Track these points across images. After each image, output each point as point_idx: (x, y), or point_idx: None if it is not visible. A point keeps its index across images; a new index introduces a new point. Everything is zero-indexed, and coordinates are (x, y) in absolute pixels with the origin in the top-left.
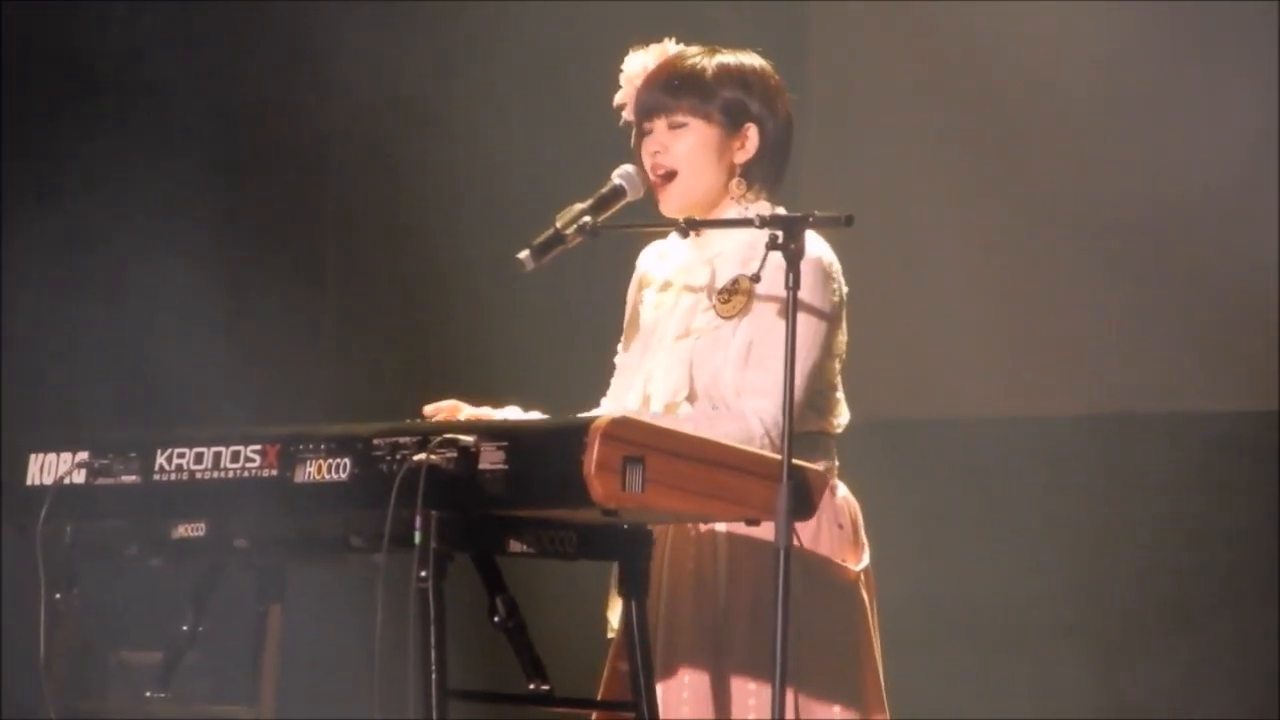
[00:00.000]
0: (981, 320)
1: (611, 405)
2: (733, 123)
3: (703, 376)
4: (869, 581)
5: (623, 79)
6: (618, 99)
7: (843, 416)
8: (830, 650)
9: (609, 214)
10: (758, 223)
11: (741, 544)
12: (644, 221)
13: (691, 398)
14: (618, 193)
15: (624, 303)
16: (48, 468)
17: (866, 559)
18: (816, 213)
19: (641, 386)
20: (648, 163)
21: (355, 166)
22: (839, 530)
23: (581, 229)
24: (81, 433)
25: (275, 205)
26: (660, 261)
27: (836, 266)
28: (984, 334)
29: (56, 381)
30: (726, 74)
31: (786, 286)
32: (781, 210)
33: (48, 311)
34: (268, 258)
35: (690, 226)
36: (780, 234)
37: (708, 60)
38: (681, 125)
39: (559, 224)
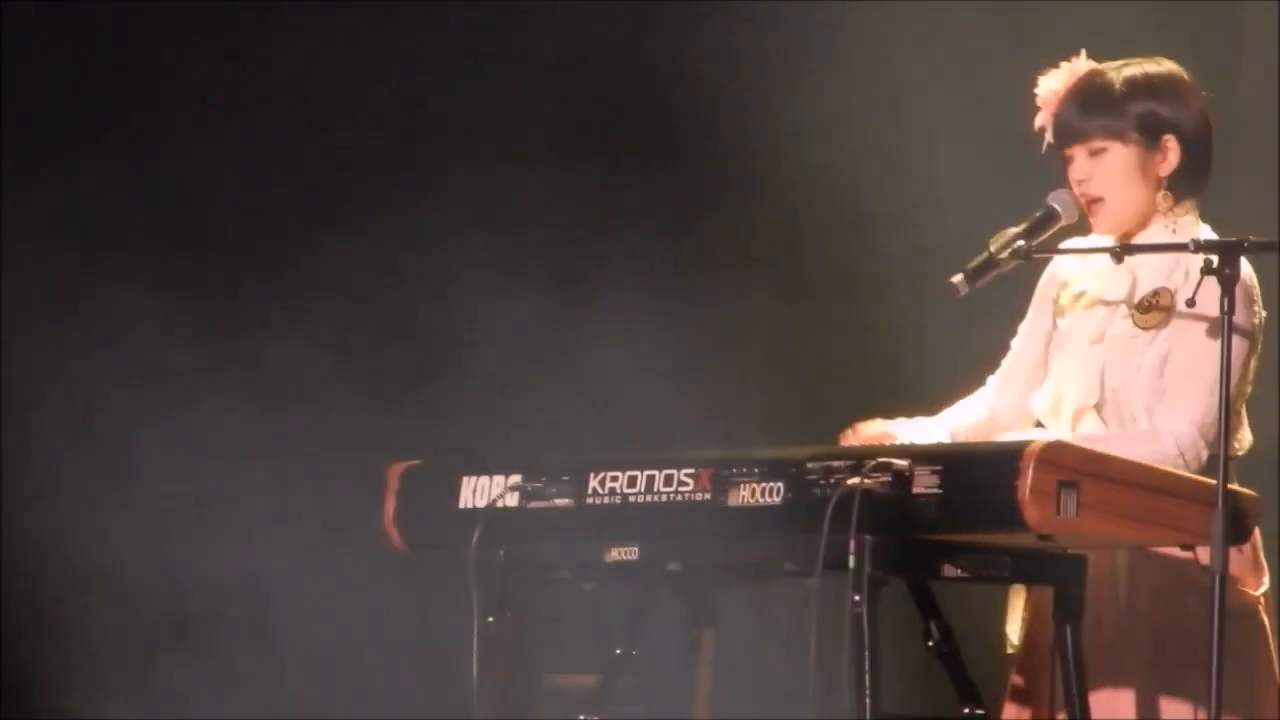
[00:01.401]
0: None
1: (1004, 394)
2: (1150, 137)
3: (1113, 383)
4: (1269, 606)
5: (1038, 103)
6: (1037, 124)
7: (1245, 439)
8: (1230, 674)
9: (1043, 238)
10: (1192, 248)
11: (1142, 564)
12: (1077, 245)
13: (1101, 404)
14: (1051, 216)
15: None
16: (480, 491)
17: (1267, 583)
18: (1252, 238)
19: (1053, 390)
20: (1075, 189)
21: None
22: (1239, 554)
23: (1016, 253)
24: (513, 455)
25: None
26: (1081, 269)
27: (1258, 290)
28: None
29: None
30: (1135, 87)
31: (1222, 311)
32: (1210, 230)
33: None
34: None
35: (1124, 251)
36: (1215, 259)
37: (1115, 76)
38: (1100, 150)
39: (993, 248)
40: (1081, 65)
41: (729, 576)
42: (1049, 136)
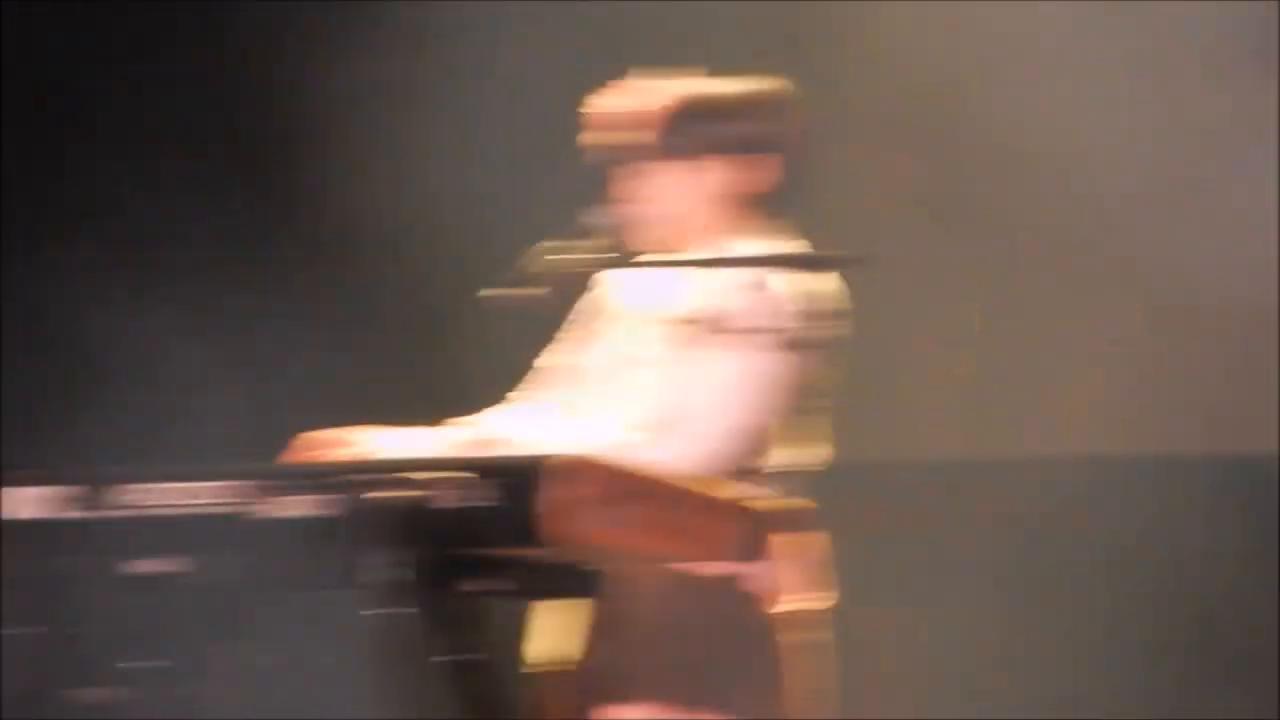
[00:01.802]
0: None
1: (531, 409)
2: (696, 156)
3: (652, 405)
4: (799, 622)
5: (589, 122)
6: (587, 142)
7: (818, 455)
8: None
9: (583, 253)
10: (737, 261)
11: (668, 576)
12: (624, 259)
13: (641, 426)
14: (592, 232)
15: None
16: (9, 502)
17: (824, 599)
18: (817, 252)
19: (591, 414)
20: (622, 207)
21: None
22: (790, 569)
23: (555, 267)
24: (44, 466)
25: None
26: (622, 288)
27: (816, 307)
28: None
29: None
30: (684, 106)
31: (770, 326)
32: (766, 246)
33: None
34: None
35: (671, 265)
36: (759, 272)
37: (670, 95)
38: (650, 168)
39: (532, 262)
40: (641, 83)
41: (257, 589)
42: (599, 154)
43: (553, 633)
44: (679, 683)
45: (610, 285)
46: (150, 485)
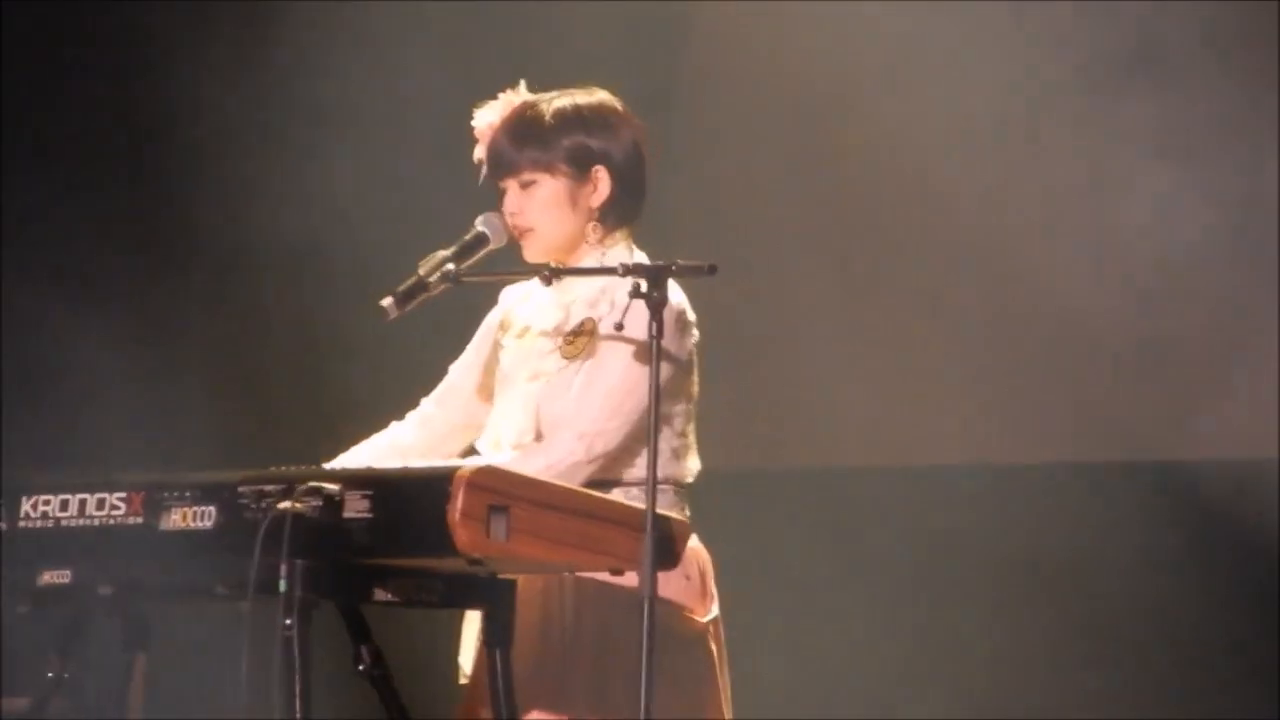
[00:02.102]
0: (846, 368)
1: (436, 420)
2: (580, 169)
3: (547, 418)
4: (717, 633)
5: (476, 135)
6: (475, 157)
7: (693, 466)
8: (675, 699)
9: (473, 261)
10: (621, 271)
11: (589, 589)
12: (507, 269)
13: (538, 439)
14: (481, 240)
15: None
16: None
17: (715, 610)
18: (680, 261)
19: (494, 428)
20: (508, 221)
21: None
22: (686, 581)
23: (445, 276)
24: None
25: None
26: (523, 304)
27: (691, 316)
28: (848, 382)
29: None
30: (564, 119)
31: (651, 335)
32: (643, 256)
33: None
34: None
35: (553, 274)
36: (643, 282)
37: (545, 108)
38: (530, 182)
39: (422, 271)
40: (517, 97)
41: (163, 601)
42: (485, 169)
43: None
44: (601, 692)
45: (510, 300)
46: (52, 496)
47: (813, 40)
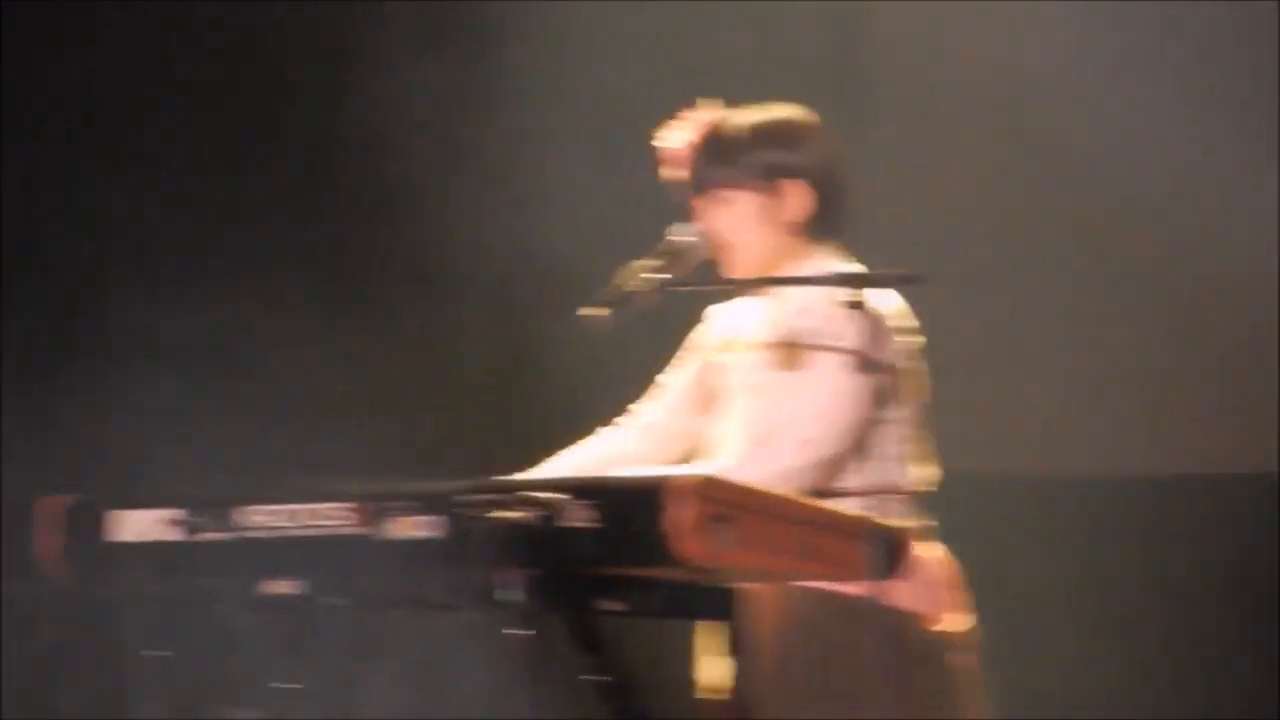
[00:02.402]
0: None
1: (647, 430)
2: (771, 183)
3: (760, 429)
4: (964, 641)
5: (665, 156)
6: (664, 177)
7: (925, 473)
8: (919, 708)
9: (678, 271)
10: (829, 281)
11: (821, 600)
12: (711, 280)
13: (739, 448)
14: (685, 249)
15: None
16: (135, 524)
17: (962, 618)
18: (890, 270)
19: (709, 442)
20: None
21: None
22: (925, 589)
23: (650, 285)
24: (170, 489)
25: (349, 258)
26: (730, 319)
27: (900, 323)
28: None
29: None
30: (754, 136)
31: (859, 344)
32: (856, 266)
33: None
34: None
35: (759, 285)
36: (851, 291)
37: (734, 125)
38: (724, 199)
39: (627, 280)
40: (705, 115)
41: (387, 610)
42: (677, 188)
43: (717, 658)
44: (842, 704)
45: (718, 316)
46: (275, 507)
47: (1005, 35)
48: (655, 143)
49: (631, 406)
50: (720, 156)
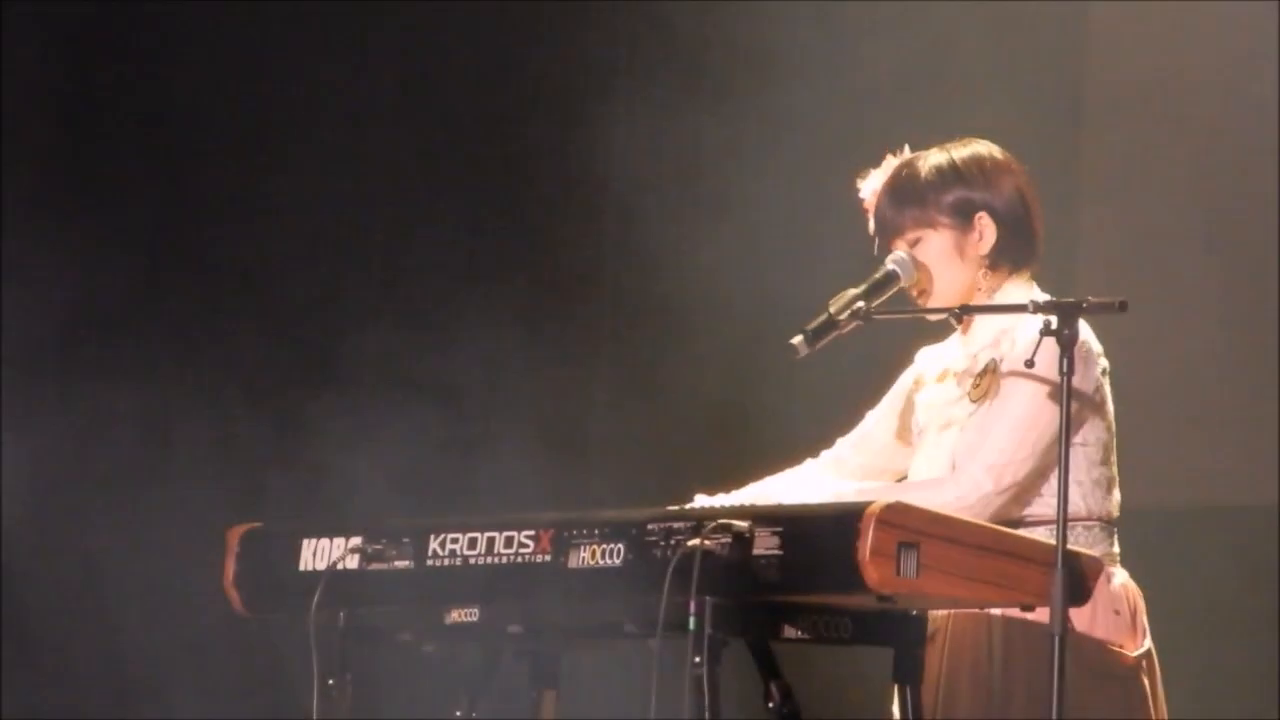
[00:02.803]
0: (1248, 404)
1: (850, 464)
2: (962, 219)
3: (958, 457)
4: (1150, 668)
5: (864, 205)
6: (870, 230)
7: (1117, 499)
8: None
9: (882, 299)
10: (1031, 308)
11: (1017, 629)
12: (918, 308)
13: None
14: (891, 278)
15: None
16: (320, 553)
17: (1147, 644)
18: (1090, 298)
19: (914, 478)
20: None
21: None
22: (1115, 616)
23: (855, 314)
24: (354, 518)
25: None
26: (935, 362)
27: (1097, 348)
28: (1252, 418)
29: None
30: (940, 174)
31: (1061, 372)
32: (1041, 294)
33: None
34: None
35: (963, 313)
36: (1053, 319)
37: (920, 166)
38: (916, 240)
39: (832, 309)
40: (896, 160)
41: (571, 638)
42: (876, 234)
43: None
44: None
45: (925, 361)
46: (460, 534)
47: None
48: (858, 194)
49: (839, 440)
50: (909, 198)
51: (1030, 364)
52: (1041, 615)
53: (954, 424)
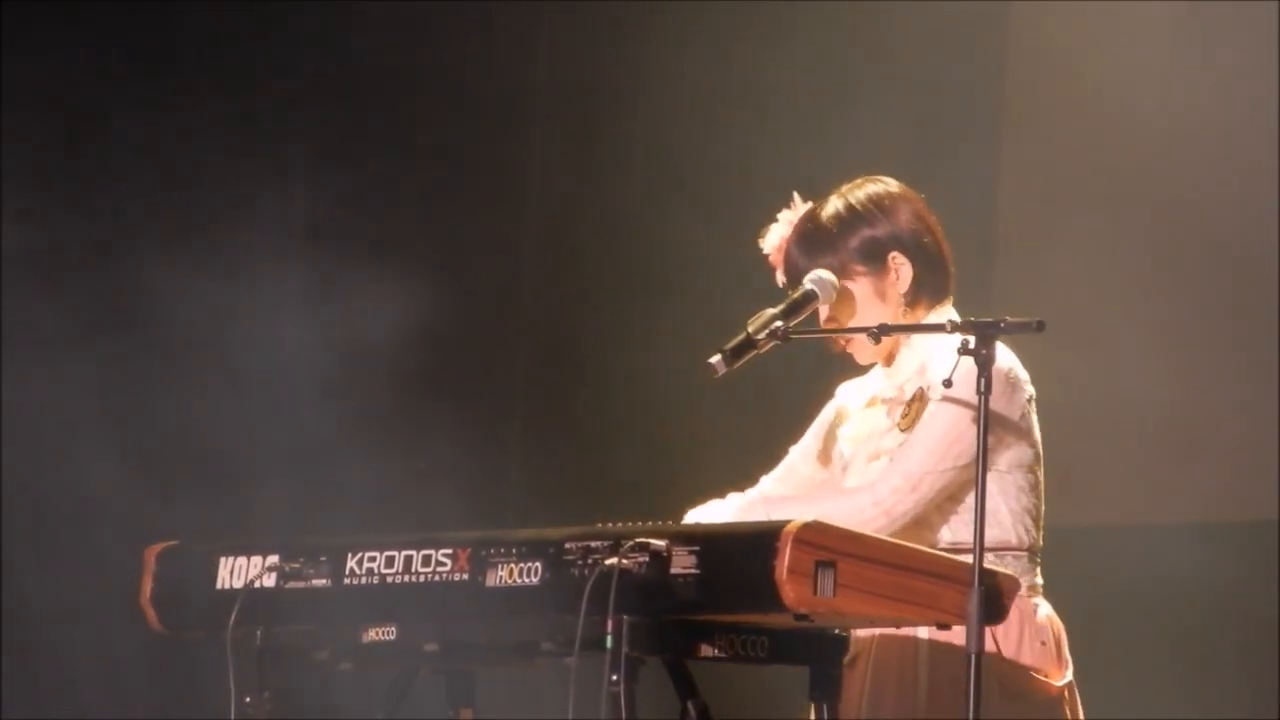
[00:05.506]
0: (1168, 424)
1: (763, 489)
2: (875, 263)
3: (871, 478)
4: (1073, 699)
5: (769, 259)
6: (778, 280)
7: (1040, 533)
8: None
9: (801, 319)
10: (949, 328)
11: (943, 653)
12: (835, 327)
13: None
14: (809, 298)
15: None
16: (238, 571)
17: (1069, 675)
18: (1007, 319)
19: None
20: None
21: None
22: (1041, 646)
23: (773, 334)
24: (271, 537)
25: (464, 311)
26: (859, 394)
27: (1022, 375)
28: (1170, 438)
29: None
30: (840, 221)
31: (978, 391)
32: (956, 315)
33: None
34: (455, 362)
35: (882, 332)
36: (970, 339)
37: (823, 214)
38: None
39: (750, 328)
40: (795, 211)
41: (488, 657)
42: (789, 284)
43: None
44: None
45: (846, 395)
46: (377, 553)
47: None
48: (763, 241)
49: (763, 477)
50: (821, 246)
51: (948, 383)
52: (961, 635)
53: (883, 455)
